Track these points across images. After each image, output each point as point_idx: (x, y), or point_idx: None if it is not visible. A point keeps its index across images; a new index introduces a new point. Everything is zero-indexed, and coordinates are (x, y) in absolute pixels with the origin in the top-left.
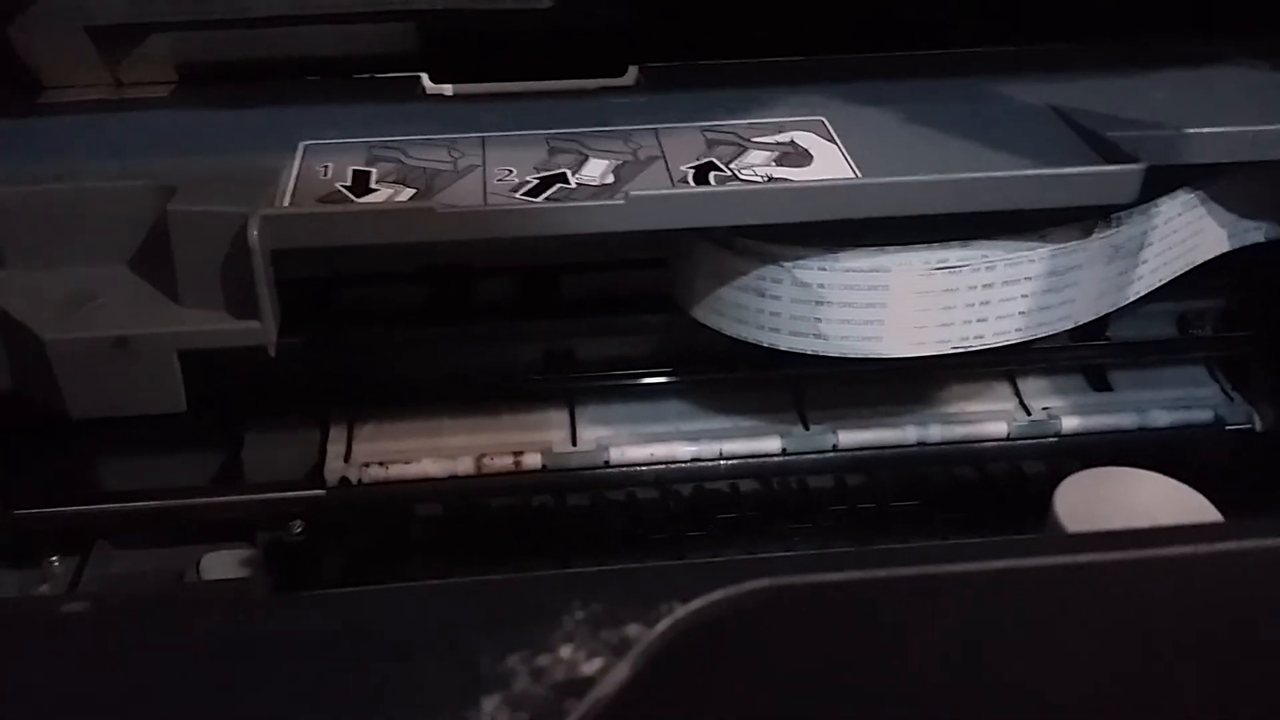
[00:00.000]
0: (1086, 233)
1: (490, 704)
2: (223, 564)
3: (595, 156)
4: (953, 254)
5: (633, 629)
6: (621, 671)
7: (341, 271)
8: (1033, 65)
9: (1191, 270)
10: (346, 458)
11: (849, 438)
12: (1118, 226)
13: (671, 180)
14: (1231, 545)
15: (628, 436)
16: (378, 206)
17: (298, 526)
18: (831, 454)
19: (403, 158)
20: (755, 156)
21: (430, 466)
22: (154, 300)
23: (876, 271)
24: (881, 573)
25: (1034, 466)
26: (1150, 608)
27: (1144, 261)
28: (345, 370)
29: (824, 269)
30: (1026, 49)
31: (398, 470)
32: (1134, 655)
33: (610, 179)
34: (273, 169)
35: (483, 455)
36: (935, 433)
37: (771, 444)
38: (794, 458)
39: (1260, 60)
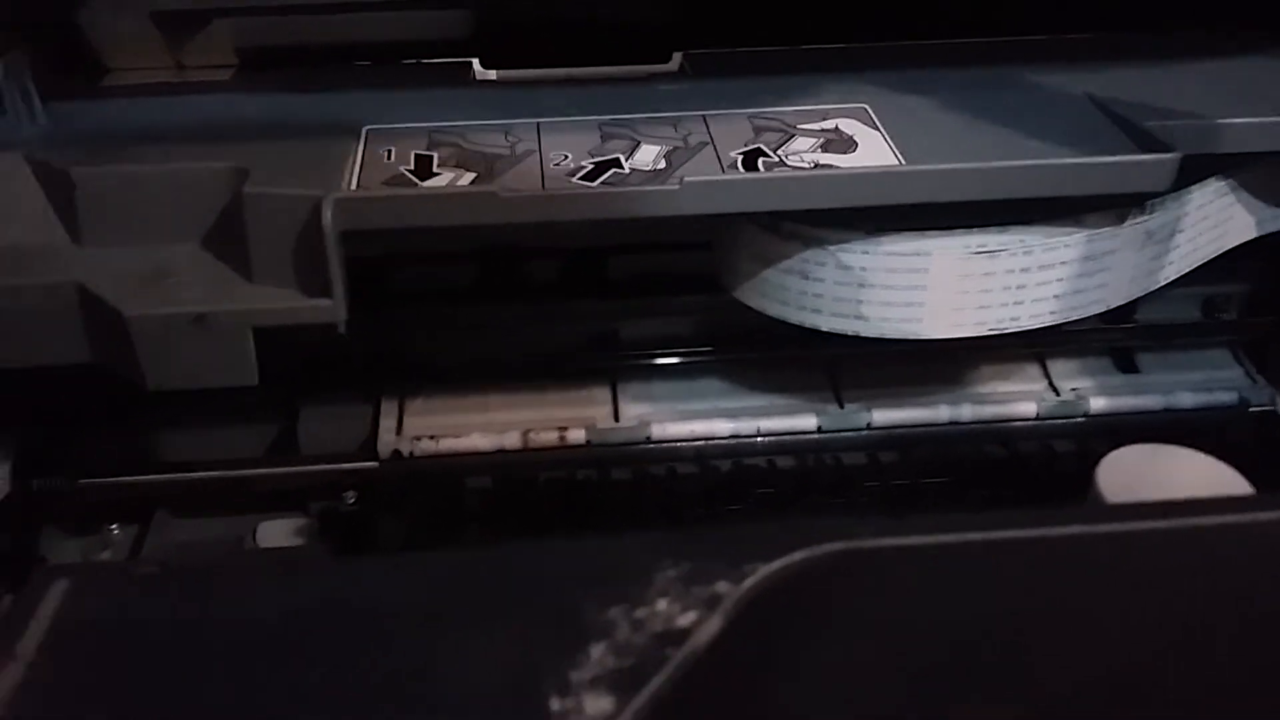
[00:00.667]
0: (1121, 219)
1: (597, 650)
2: (278, 532)
3: (647, 142)
4: (991, 239)
5: (721, 585)
6: (714, 623)
7: (395, 251)
8: (1070, 54)
9: (1216, 256)
10: (398, 431)
11: (883, 416)
12: (1151, 213)
13: (721, 166)
14: (1264, 516)
15: (669, 414)
16: (444, 190)
17: (351, 497)
18: (866, 432)
19: (462, 142)
20: (801, 143)
21: (479, 440)
22: (228, 278)
23: (918, 255)
24: (943, 538)
25: (1063, 445)
26: (1186, 575)
27: (1176, 247)
28: (397, 347)
29: (867, 252)
30: (1064, 38)
31: (448, 444)
32: (1171, 621)
33: (662, 164)
34: (338, 152)
35: (529, 430)
36: (967, 412)
37: (808, 421)
38: (829, 435)
39: None
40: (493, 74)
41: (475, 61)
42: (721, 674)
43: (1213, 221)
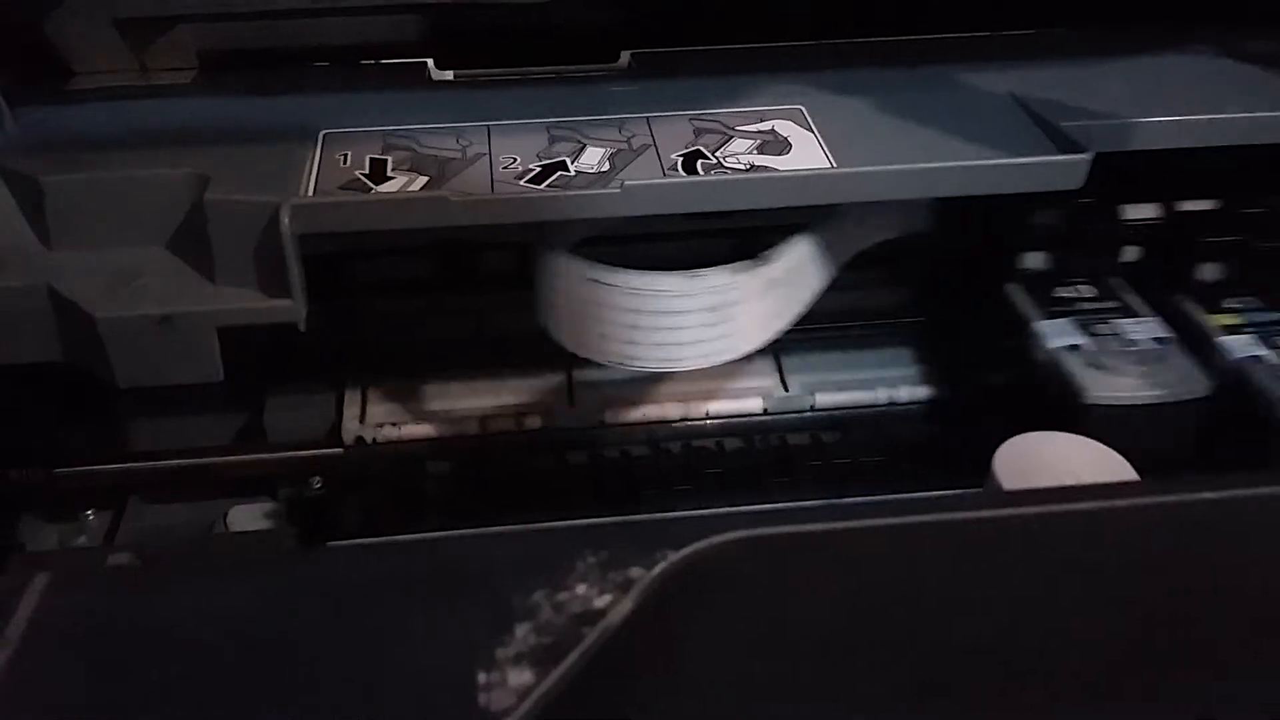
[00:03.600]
0: (742, 270)
1: (522, 630)
2: (248, 517)
3: (592, 145)
4: (604, 274)
5: (635, 571)
6: (626, 605)
7: (358, 247)
8: (999, 52)
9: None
10: (361, 419)
11: (825, 399)
12: (768, 263)
13: (662, 168)
14: (1144, 500)
15: (622, 399)
16: (396, 195)
17: (317, 482)
18: (809, 413)
19: (415, 146)
20: (739, 144)
21: (439, 427)
22: (193, 280)
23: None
24: (838, 525)
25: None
26: (1071, 556)
27: (796, 286)
28: (360, 338)
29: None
30: (995, 35)
31: (409, 430)
32: (1059, 601)
33: (606, 166)
34: (296, 156)
35: (488, 417)
36: (904, 394)
37: (754, 405)
38: (775, 417)
39: (1218, 48)
40: (448, 74)
41: (430, 62)
42: (632, 650)
43: (821, 261)
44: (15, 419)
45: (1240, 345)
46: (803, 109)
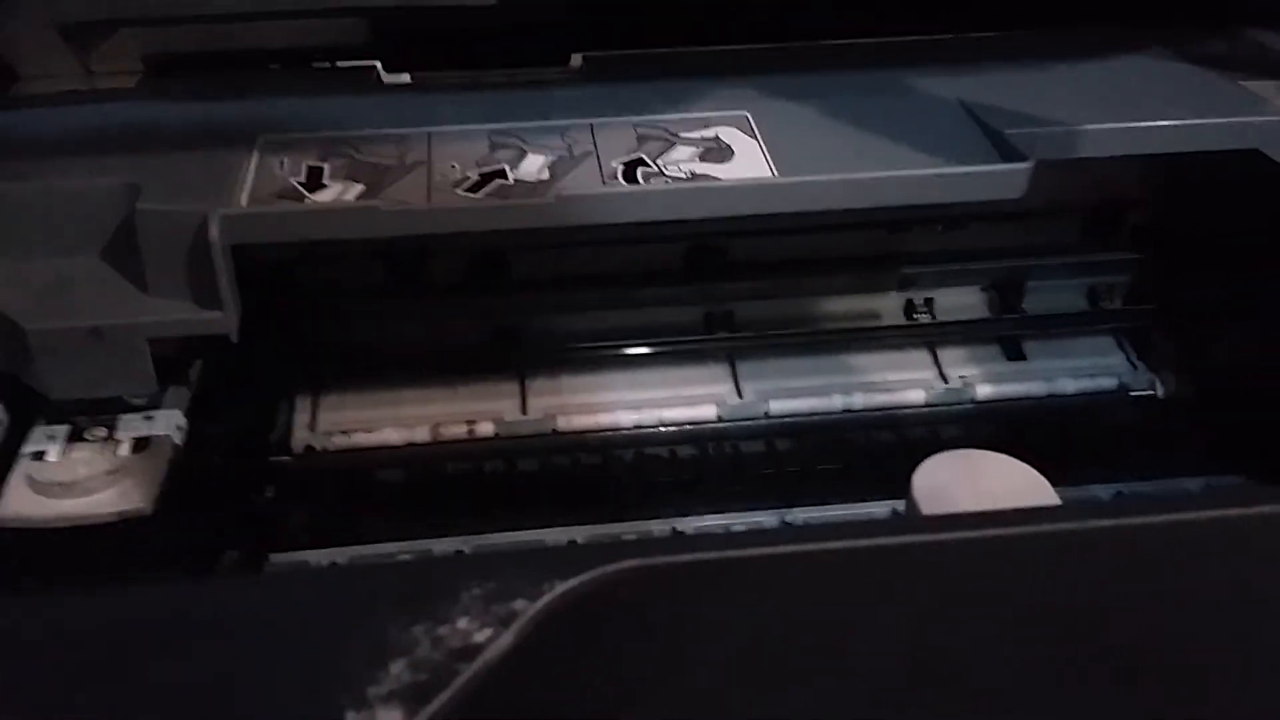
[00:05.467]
0: None
1: (397, 667)
2: None
3: (534, 152)
4: None
5: (519, 603)
6: (506, 639)
7: (305, 253)
8: (950, 56)
9: (1100, 246)
10: (312, 427)
11: (780, 405)
12: None
13: (603, 177)
14: (1062, 526)
15: (574, 406)
16: (328, 206)
17: (270, 491)
18: (764, 420)
19: (354, 153)
20: (681, 152)
21: (390, 435)
22: (124, 290)
23: None
24: (739, 552)
25: (949, 431)
26: (989, 582)
27: None
28: (310, 345)
29: None
30: (943, 38)
31: (360, 438)
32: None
33: (546, 175)
34: (233, 163)
35: (439, 424)
36: (859, 400)
37: (708, 411)
38: (728, 424)
39: (1169, 49)
40: (400, 77)
41: (379, 65)
42: (510, 686)
43: None
44: None
45: None
46: (748, 115)
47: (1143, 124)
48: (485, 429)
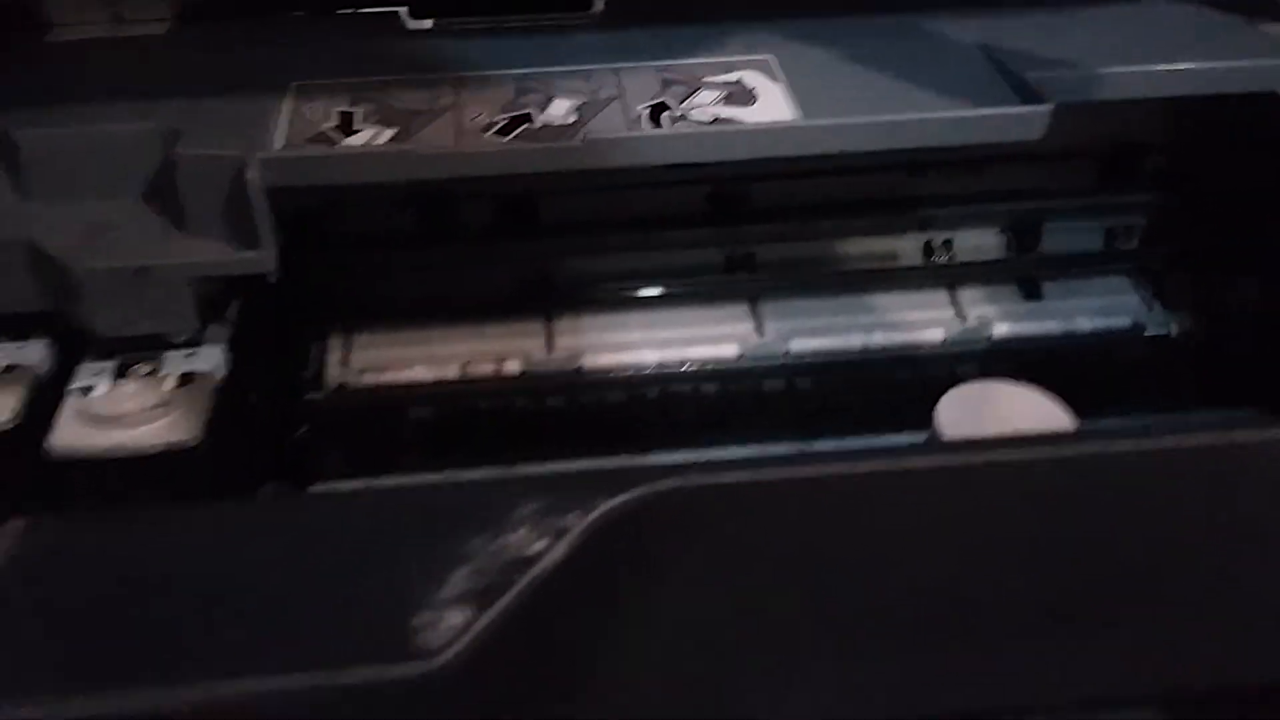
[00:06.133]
0: None
1: (459, 574)
2: None
3: (560, 96)
4: None
5: (571, 518)
6: (559, 550)
7: (341, 198)
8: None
9: (1117, 187)
10: (344, 365)
11: (800, 344)
12: None
13: (627, 121)
14: (1080, 449)
15: (600, 345)
16: (362, 149)
17: (304, 428)
18: (785, 359)
19: (383, 99)
20: (704, 96)
21: (420, 372)
22: (167, 232)
23: None
24: (777, 475)
25: (967, 368)
26: (1014, 504)
27: None
28: (344, 287)
29: None
30: None
31: (391, 376)
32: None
33: (572, 118)
34: (267, 108)
35: (468, 363)
36: (878, 339)
37: (729, 351)
38: (750, 363)
39: None
40: (424, 23)
41: (403, 11)
42: (564, 592)
43: None
44: None
45: None
46: (770, 59)
47: (1162, 67)
48: (512, 367)
